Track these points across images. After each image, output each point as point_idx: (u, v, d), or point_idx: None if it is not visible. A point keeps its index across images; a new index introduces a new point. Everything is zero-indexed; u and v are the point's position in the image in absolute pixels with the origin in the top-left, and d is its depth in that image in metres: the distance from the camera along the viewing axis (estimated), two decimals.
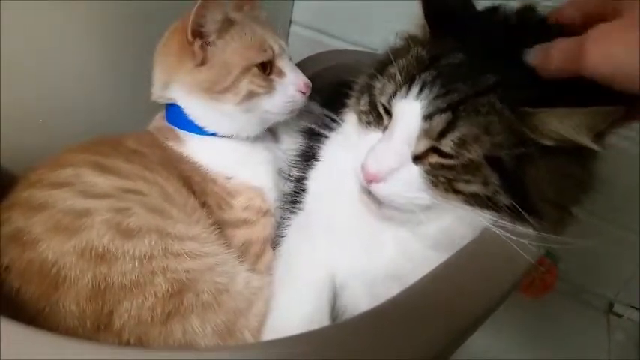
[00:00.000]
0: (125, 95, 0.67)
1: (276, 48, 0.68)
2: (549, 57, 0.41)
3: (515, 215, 0.45)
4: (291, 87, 0.68)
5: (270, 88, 0.67)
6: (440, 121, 0.44)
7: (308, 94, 0.70)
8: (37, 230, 0.49)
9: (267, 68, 0.67)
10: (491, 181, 0.45)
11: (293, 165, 0.69)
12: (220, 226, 0.62)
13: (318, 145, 0.65)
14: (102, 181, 0.55)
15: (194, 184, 0.64)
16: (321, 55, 0.92)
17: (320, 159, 0.63)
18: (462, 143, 0.44)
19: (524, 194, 0.45)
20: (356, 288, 0.55)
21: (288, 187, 0.68)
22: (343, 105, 0.66)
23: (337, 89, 0.77)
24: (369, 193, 0.49)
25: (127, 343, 0.45)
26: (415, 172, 0.46)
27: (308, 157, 0.66)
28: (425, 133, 0.45)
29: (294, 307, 0.52)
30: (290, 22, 1.12)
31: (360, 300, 0.55)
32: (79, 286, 0.45)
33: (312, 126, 0.71)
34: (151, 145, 0.66)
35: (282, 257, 0.61)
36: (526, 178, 0.44)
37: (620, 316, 1.06)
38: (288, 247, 0.62)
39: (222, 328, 0.49)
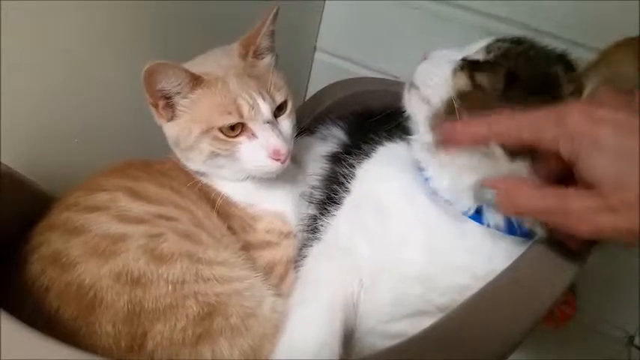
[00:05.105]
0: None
1: (245, 110, 0.63)
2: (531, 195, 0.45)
3: None
4: (260, 151, 0.64)
5: (233, 151, 0.64)
6: None
7: (284, 160, 0.64)
8: (75, 253, 0.50)
9: (236, 128, 0.63)
10: None
11: (316, 189, 0.70)
12: (246, 248, 0.64)
13: (342, 169, 0.66)
14: (136, 207, 0.57)
15: (219, 208, 0.66)
16: (346, 82, 0.93)
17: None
18: None
19: None
20: (380, 288, 0.56)
21: (311, 210, 0.69)
22: (367, 132, 0.68)
23: (361, 116, 0.79)
24: None
25: None
26: None
27: (332, 182, 0.67)
28: None
29: (306, 331, 0.53)
30: (314, 48, 1.14)
31: (379, 310, 0.56)
32: (115, 309, 0.47)
33: (337, 150, 0.73)
34: (177, 169, 0.67)
35: (301, 279, 0.62)
36: None
37: None
38: (307, 269, 0.63)
39: (249, 353, 0.50)
